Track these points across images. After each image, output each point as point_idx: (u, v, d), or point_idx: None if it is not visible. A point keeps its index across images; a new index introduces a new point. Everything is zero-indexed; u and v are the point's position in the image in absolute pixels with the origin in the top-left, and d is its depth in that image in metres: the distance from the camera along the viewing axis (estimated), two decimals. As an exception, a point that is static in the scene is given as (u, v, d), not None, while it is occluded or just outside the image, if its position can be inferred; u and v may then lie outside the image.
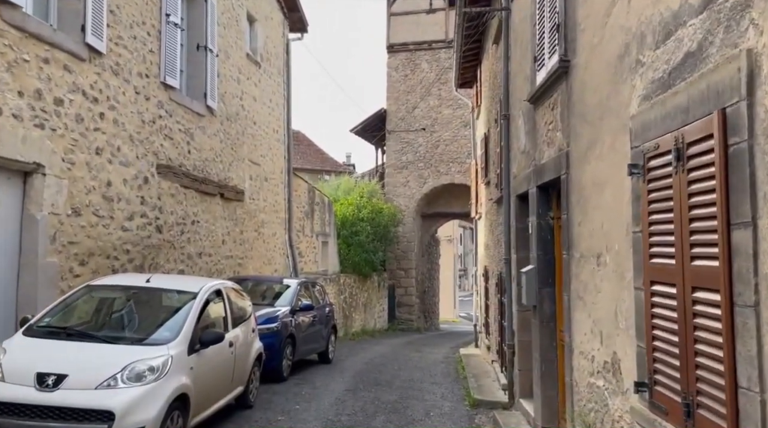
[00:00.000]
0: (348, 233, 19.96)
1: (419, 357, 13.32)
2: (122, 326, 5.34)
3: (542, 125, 5.97)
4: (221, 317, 6.06)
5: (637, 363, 3.55)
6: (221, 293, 6.18)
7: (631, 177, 3.57)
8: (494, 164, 10.46)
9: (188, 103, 9.72)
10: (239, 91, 12.04)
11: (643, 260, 3.39)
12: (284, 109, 15.05)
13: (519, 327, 7.22)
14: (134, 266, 8.08)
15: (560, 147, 5.30)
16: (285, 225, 14.91)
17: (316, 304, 10.83)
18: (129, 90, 8.00)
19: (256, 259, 12.99)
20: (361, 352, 13.58)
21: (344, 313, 18.18)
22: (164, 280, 6.04)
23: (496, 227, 10.09)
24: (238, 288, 7.06)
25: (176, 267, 9.32)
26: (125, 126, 7.89)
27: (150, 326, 5.32)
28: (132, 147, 8.05)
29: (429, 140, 22.69)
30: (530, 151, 6.50)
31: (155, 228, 8.65)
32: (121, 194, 7.79)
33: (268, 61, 13.90)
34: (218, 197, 10.93)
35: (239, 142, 12.00)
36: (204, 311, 5.59)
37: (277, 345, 8.53)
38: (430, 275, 26.08)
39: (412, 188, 22.88)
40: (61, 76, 6.64)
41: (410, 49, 22.93)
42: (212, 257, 10.70)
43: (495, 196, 9.75)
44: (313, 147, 31.16)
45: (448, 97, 22.43)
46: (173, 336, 5.06)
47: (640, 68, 3.56)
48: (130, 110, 8.00)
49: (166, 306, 5.65)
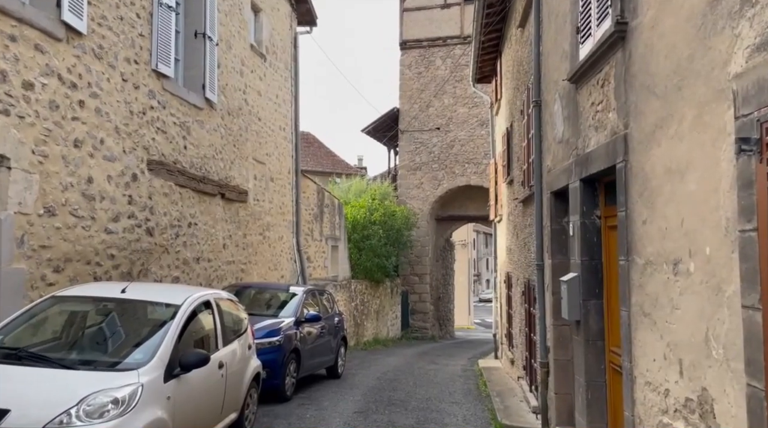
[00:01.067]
0: (359, 237, 19.06)
1: (436, 370, 12.38)
2: (86, 346, 4.47)
3: (587, 106, 5.04)
4: (210, 334, 5.18)
5: (747, 409, 2.62)
6: (210, 304, 5.30)
7: (737, 157, 2.64)
8: (519, 161, 9.53)
9: (184, 95, 8.90)
10: (242, 85, 11.22)
11: (762, 269, 2.46)
12: (292, 105, 14.22)
13: (555, 343, 6.28)
14: (120, 273, 7.24)
15: (614, 130, 4.37)
16: (292, 228, 14.06)
17: (325, 313, 9.94)
18: (114, 76, 7.19)
19: (261, 265, 12.14)
20: (373, 364, 12.67)
21: (355, 321, 17.28)
22: (143, 290, 5.18)
23: (521, 230, 9.15)
24: (233, 298, 6.19)
25: (170, 274, 8.48)
26: (110, 116, 7.06)
27: (120, 346, 4.46)
28: (118, 140, 7.23)
29: (444, 139, 21.77)
30: (570, 139, 5.58)
31: (145, 231, 7.81)
32: (105, 192, 6.96)
33: (274, 54, 13.09)
34: (219, 198, 10.10)
35: (242, 139, 11.17)
36: (187, 327, 4.72)
37: (279, 361, 7.65)
38: (445, 281, 25.11)
39: (426, 190, 21.96)
40: (31, 56, 5.82)
41: (424, 45, 22.04)
42: (212, 263, 9.86)
43: (521, 195, 8.82)
44: (323, 149, 30.36)
45: (464, 95, 21.52)
46: (146, 358, 4.19)
47: (749, 9, 2.63)
48: (115, 98, 7.19)
49: (141, 322, 4.79)
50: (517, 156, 9.78)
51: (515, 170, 10.12)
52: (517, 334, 10.11)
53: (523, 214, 8.92)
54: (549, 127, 6.49)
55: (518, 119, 9.57)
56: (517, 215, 9.73)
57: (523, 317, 8.99)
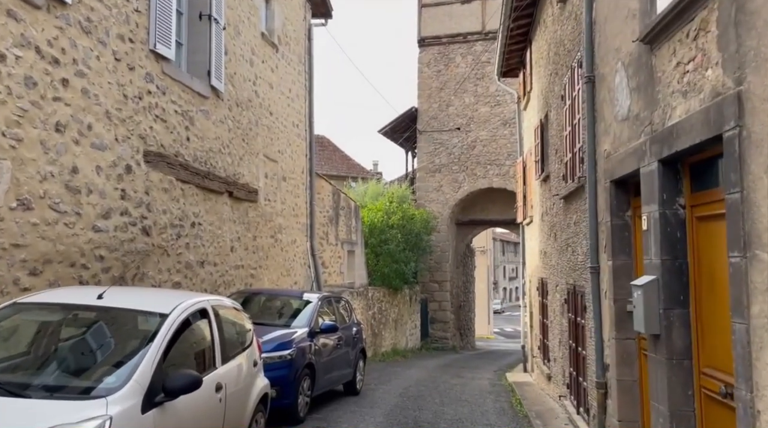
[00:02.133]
0: (376, 241, 18.12)
1: (462, 385, 11.37)
2: (47, 367, 3.56)
3: (669, 69, 4.08)
4: (205, 349, 4.27)
5: None
6: (207, 313, 4.39)
7: None
8: (557, 153, 8.55)
9: (187, 81, 8.05)
10: (252, 75, 10.38)
11: None
12: (306, 101, 13.36)
13: (617, 360, 5.28)
14: (111, 277, 6.37)
15: (717, 90, 3.41)
16: (306, 231, 13.16)
17: (342, 323, 9.00)
18: (105, 55, 6.35)
19: (273, 270, 11.25)
20: (394, 378, 11.69)
21: (373, 331, 16.31)
22: (125, 296, 4.29)
23: (562, 230, 8.16)
24: (236, 306, 5.27)
25: (171, 279, 7.60)
26: (99, 99, 6.22)
27: (89, 367, 3.56)
28: (109, 126, 6.38)
29: (464, 140, 20.80)
30: (641, 114, 4.61)
31: (141, 230, 6.95)
32: (93, 184, 6.11)
33: (287, 45, 12.25)
34: (226, 196, 9.23)
35: (252, 133, 10.31)
36: (176, 341, 3.80)
37: (291, 377, 6.71)
38: (466, 289, 24.05)
39: (445, 193, 20.97)
40: (2, 23, 4.99)
41: (443, 42, 21.13)
42: (218, 267, 8.98)
43: (562, 190, 7.84)
44: (338, 153, 29.51)
45: (486, 93, 20.58)
46: (119, 383, 3.28)
47: None
48: (106, 79, 6.34)
49: (120, 335, 3.89)
50: (555, 148, 8.81)
51: (552, 165, 9.14)
52: (555, 347, 9.09)
53: (565, 211, 7.93)
54: (606, 105, 5.52)
55: (557, 106, 8.60)
56: (556, 213, 8.74)
57: (566, 328, 7.98)
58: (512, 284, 69.83)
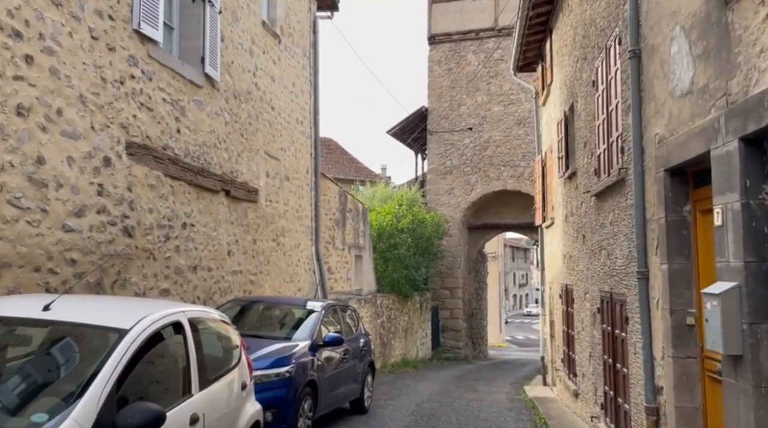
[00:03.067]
0: (385, 246, 17.29)
1: (478, 401, 10.51)
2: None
3: (756, 23, 3.26)
4: (177, 373, 3.47)
5: None
6: (182, 328, 3.59)
7: None
8: (587, 146, 7.73)
9: (177, 67, 7.31)
10: (252, 66, 9.63)
11: None
12: (311, 96, 12.60)
13: (675, 382, 4.43)
14: (85, 283, 5.59)
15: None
16: (311, 235, 12.38)
17: (348, 334, 8.19)
18: (80, 31, 5.60)
19: (275, 276, 10.46)
20: (405, 392, 10.85)
21: (382, 340, 15.47)
22: (78, 307, 3.51)
23: (594, 231, 7.32)
24: (223, 319, 4.47)
25: (158, 285, 6.83)
26: (71, 81, 5.47)
27: (17, 400, 2.77)
28: (83, 112, 5.62)
29: (476, 141, 19.96)
30: (711, 84, 3.79)
31: (122, 230, 6.18)
32: (63, 177, 5.35)
33: (290, 37, 11.51)
34: (222, 195, 8.46)
35: (252, 128, 9.55)
36: (136, 364, 3.01)
37: (289, 397, 5.89)
38: (478, 296, 23.14)
39: (457, 196, 20.13)
40: (-51, -14, 4.26)
41: (454, 39, 20.35)
42: (213, 272, 8.20)
43: (594, 187, 7.01)
44: (346, 155, 28.77)
45: (499, 91, 19.77)
46: (54, 422, 2.49)
47: None
48: (80, 59, 5.59)
49: (63, 358, 3.09)
50: (584, 141, 7.98)
51: (580, 160, 8.31)
52: (583, 361, 8.23)
53: (597, 210, 7.10)
54: (658, 81, 4.70)
55: (585, 95, 7.78)
56: (585, 213, 7.91)
57: (598, 340, 7.13)
58: (522, 290, 68.82)
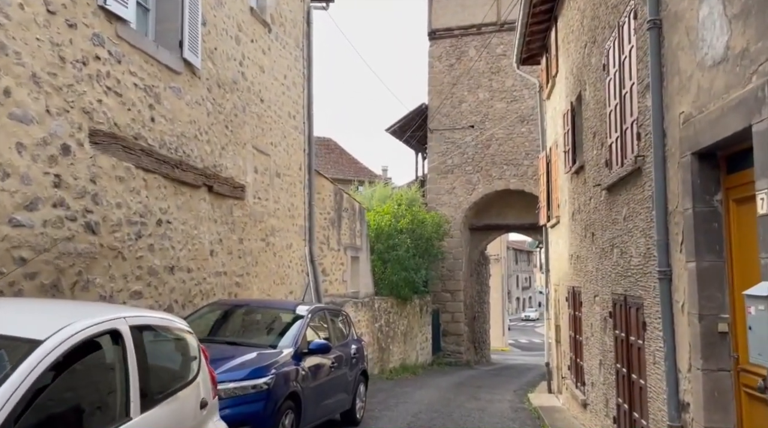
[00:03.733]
0: (384, 247, 16.68)
1: (480, 410, 9.89)
2: None
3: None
4: (112, 393, 2.87)
5: None
6: (120, 338, 3.00)
7: None
8: (598, 136, 7.13)
9: (151, 50, 6.73)
10: (238, 54, 9.06)
11: None
12: (304, 90, 12.03)
13: (705, 398, 3.82)
14: (39, 285, 5.01)
15: None
16: (304, 235, 11.78)
17: (339, 340, 7.59)
18: (33, 4, 5.03)
19: (264, 277, 9.87)
20: (402, 401, 10.24)
21: (380, 345, 14.86)
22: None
23: (605, 228, 6.72)
24: (179, 325, 3.86)
25: (127, 287, 6.24)
26: (22, 58, 4.89)
27: None
28: (38, 94, 5.04)
29: (478, 139, 19.37)
30: (752, 47, 3.19)
31: (84, 226, 5.59)
32: (11, 165, 4.77)
33: (281, 26, 10.94)
34: (204, 190, 7.88)
35: (238, 120, 8.97)
36: (50, 385, 2.42)
37: (267, 412, 5.28)
38: (480, 299, 22.51)
39: (458, 196, 19.53)
40: None
41: (455, 34, 19.78)
42: (193, 274, 7.61)
43: (606, 179, 6.41)
44: (345, 155, 28.21)
45: (501, 88, 19.18)
46: None
47: None
48: (34, 34, 5.02)
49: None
50: (593, 131, 7.38)
51: (588, 152, 7.71)
52: (593, 369, 7.61)
53: (609, 205, 6.49)
54: (684, 52, 4.10)
55: (595, 81, 7.19)
56: (594, 209, 7.30)
57: (610, 348, 6.52)
58: (525, 294, 68.16)
